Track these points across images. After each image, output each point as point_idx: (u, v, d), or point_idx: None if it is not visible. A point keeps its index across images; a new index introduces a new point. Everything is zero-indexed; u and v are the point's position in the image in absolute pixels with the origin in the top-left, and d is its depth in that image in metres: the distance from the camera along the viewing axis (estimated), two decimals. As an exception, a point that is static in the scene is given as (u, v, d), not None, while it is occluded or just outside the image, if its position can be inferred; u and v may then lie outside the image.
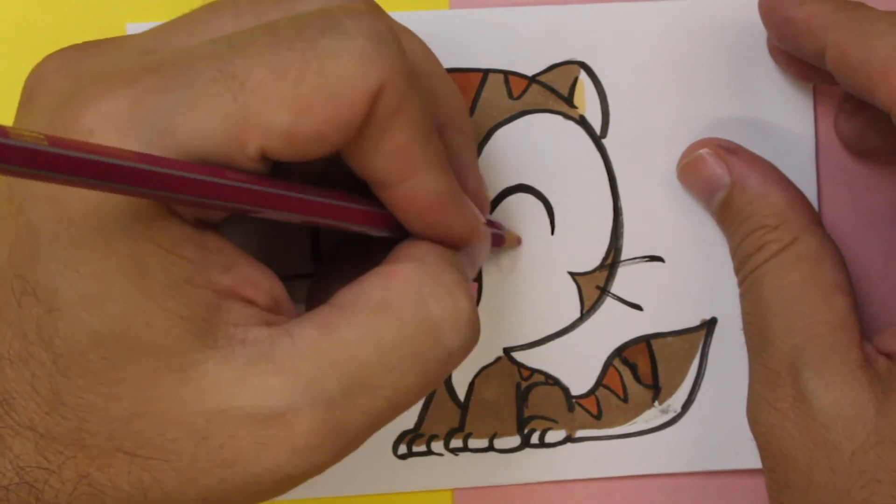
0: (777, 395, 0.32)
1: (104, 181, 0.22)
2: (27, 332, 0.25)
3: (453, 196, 0.28)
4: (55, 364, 0.25)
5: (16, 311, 0.25)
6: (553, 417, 0.37)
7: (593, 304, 0.37)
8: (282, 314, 0.27)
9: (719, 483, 0.38)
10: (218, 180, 0.25)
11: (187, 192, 0.24)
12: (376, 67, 0.25)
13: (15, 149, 0.20)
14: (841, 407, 0.31)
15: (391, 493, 0.37)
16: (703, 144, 0.36)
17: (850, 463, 0.31)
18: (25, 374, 0.25)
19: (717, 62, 0.36)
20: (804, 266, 0.33)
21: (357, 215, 0.29)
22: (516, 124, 0.36)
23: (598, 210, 0.37)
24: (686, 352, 0.37)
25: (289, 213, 0.27)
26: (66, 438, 0.25)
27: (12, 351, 0.25)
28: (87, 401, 0.25)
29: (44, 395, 0.25)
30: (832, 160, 0.37)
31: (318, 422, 0.25)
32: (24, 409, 0.25)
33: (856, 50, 0.30)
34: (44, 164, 0.21)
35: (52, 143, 0.21)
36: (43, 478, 0.25)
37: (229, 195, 0.25)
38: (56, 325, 0.25)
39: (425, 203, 0.28)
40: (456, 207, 0.29)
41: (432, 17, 0.36)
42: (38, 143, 0.21)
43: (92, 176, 0.22)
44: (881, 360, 0.32)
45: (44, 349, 0.25)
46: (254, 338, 0.25)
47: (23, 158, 0.21)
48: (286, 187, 0.26)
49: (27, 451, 0.25)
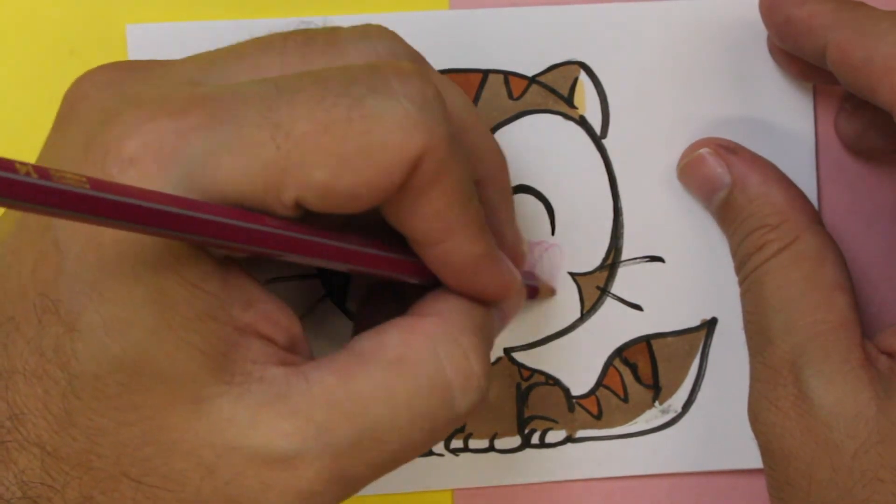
0: (778, 393, 0.32)
1: (144, 225, 0.22)
2: (45, 349, 0.25)
3: (490, 258, 0.28)
4: (70, 384, 0.25)
5: (36, 327, 0.25)
6: (553, 417, 0.37)
7: (593, 304, 0.37)
8: (298, 353, 0.27)
9: (719, 483, 0.38)
10: (253, 226, 0.25)
11: (223, 237, 0.24)
12: (420, 134, 0.25)
13: (58, 191, 0.20)
14: (842, 406, 0.31)
15: (391, 494, 0.37)
16: (703, 144, 0.36)
17: (851, 462, 0.31)
18: (38, 390, 0.25)
19: (717, 62, 0.36)
20: (805, 265, 0.33)
21: (392, 265, 0.29)
22: (516, 125, 0.36)
23: (598, 210, 0.37)
24: (686, 352, 0.37)
25: (322, 260, 0.27)
26: (74, 459, 0.25)
27: (28, 366, 0.25)
28: (98, 424, 0.25)
29: (55, 413, 0.25)
30: (832, 160, 0.37)
31: (324, 469, 0.25)
32: (33, 425, 0.25)
33: (857, 49, 0.30)
34: (85, 208, 0.21)
35: (94, 186, 0.21)
36: (46, 495, 0.25)
37: (263, 241, 0.25)
38: (75, 346, 0.24)
39: (461, 264, 0.28)
40: (492, 268, 0.29)
41: (432, 18, 0.36)
42: (81, 186, 0.21)
43: (132, 220, 0.22)
44: (882, 358, 0.32)
45: (60, 368, 0.25)
46: (270, 377, 0.25)
47: (65, 202, 0.21)
48: (319, 234, 0.27)
49: (32, 467, 0.25)
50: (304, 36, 0.28)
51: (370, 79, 0.25)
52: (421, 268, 0.29)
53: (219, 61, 0.27)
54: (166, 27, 0.35)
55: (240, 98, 0.25)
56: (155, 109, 0.25)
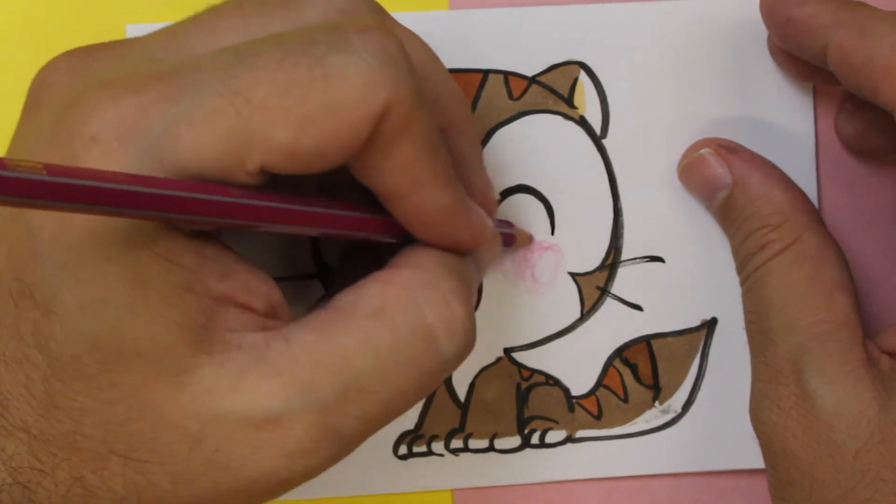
0: (780, 393, 0.32)
1: (105, 206, 0.22)
2: (23, 334, 0.25)
3: (460, 207, 0.28)
4: (50, 367, 0.25)
5: (13, 313, 0.25)
6: (553, 418, 0.37)
7: (593, 304, 0.37)
8: (279, 319, 0.27)
9: (719, 483, 0.38)
10: (215, 197, 0.25)
11: (187, 211, 0.24)
12: (383, 88, 0.25)
13: (15, 180, 0.20)
14: (844, 405, 0.31)
15: (391, 494, 0.37)
16: (703, 144, 0.36)
17: (853, 461, 0.31)
18: (20, 375, 0.25)
19: (717, 62, 0.36)
20: (806, 265, 0.33)
21: (362, 224, 0.29)
22: (516, 125, 0.36)
23: (598, 210, 0.37)
24: (686, 352, 0.37)
25: (290, 226, 0.27)
26: (60, 441, 0.25)
27: (7, 352, 0.25)
28: (81, 404, 0.25)
29: (38, 397, 0.25)
30: (832, 160, 0.37)
31: (312, 426, 0.25)
32: (17, 410, 0.25)
33: (858, 49, 0.30)
34: (43, 194, 0.21)
35: (51, 171, 0.21)
36: (36, 479, 0.25)
37: (227, 212, 0.25)
38: (53, 329, 0.25)
39: (432, 215, 0.28)
40: (463, 218, 0.29)
41: (432, 18, 0.36)
42: (37, 173, 0.21)
43: (93, 202, 0.22)
44: (884, 358, 0.32)
45: (39, 352, 0.25)
46: (250, 343, 0.26)
47: (23, 189, 0.21)
48: (286, 200, 0.26)
49: (20, 452, 0.25)
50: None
51: (331, 37, 0.25)
52: (392, 224, 0.29)
53: (179, 33, 0.27)
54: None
55: (200, 69, 0.25)
56: (117, 88, 0.25)
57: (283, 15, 0.27)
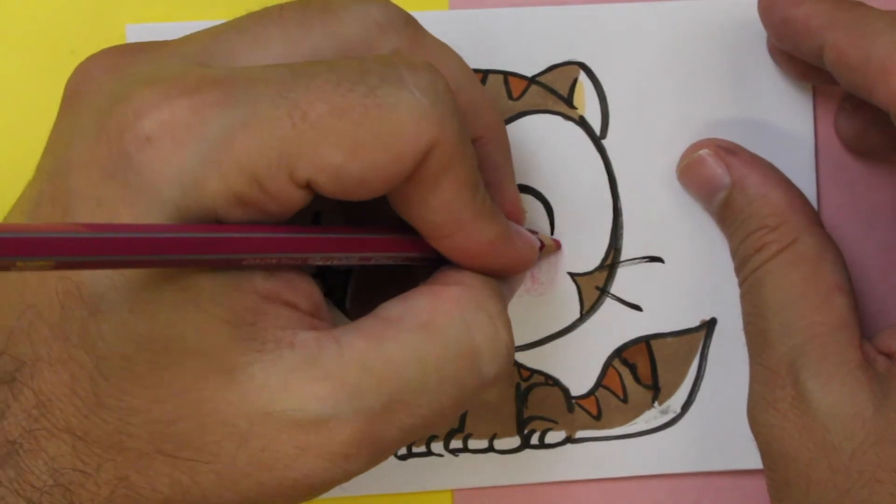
0: (777, 395, 0.32)
1: (141, 256, 0.23)
2: (69, 334, 0.25)
3: (504, 239, 0.29)
4: (97, 367, 0.25)
5: (59, 312, 0.25)
6: (553, 418, 0.37)
7: (593, 304, 0.37)
8: (321, 319, 0.27)
9: (719, 483, 0.38)
10: (275, 235, 0.25)
11: (224, 251, 0.25)
12: (431, 125, 0.25)
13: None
14: (840, 407, 0.31)
15: (391, 494, 0.37)
16: (703, 145, 0.36)
17: (849, 462, 0.31)
18: (65, 376, 0.25)
19: (717, 62, 0.36)
20: (804, 266, 0.33)
21: (402, 245, 0.29)
22: (516, 125, 0.36)
23: (597, 210, 0.37)
24: (686, 352, 0.37)
25: (338, 254, 0.27)
26: (105, 441, 0.25)
27: (52, 353, 0.25)
28: (128, 404, 0.25)
29: (83, 397, 0.25)
30: (832, 160, 0.37)
31: (357, 432, 0.25)
32: (60, 411, 0.25)
33: (854, 49, 0.30)
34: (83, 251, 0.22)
35: (90, 228, 0.22)
36: (79, 480, 0.25)
37: (284, 247, 0.26)
38: (100, 328, 0.24)
39: (476, 250, 0.28)
40: (508, 248, 0.29)
41: (432, 18, 0.36)
42: (79, 232, 0.22)
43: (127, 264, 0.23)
44: (880, 359, 0.32)
45: (86, 352, 0.25)
46: (301, 341, 0.26)
47: (57, 249, 0.21)
48: (328, 230, 0.27)
49: (63, 454, 0.25)
50: (299, 5, 0.28)
51: (383, 69, 0.26)
52: (429, 247, 0.29)
53: (220, 38, 0.27)
54: (166, 27, 0.35)
55: (253, 78, 0.25)
56: (168, 88, 0.25)
57: (322, 26, 0.27)
